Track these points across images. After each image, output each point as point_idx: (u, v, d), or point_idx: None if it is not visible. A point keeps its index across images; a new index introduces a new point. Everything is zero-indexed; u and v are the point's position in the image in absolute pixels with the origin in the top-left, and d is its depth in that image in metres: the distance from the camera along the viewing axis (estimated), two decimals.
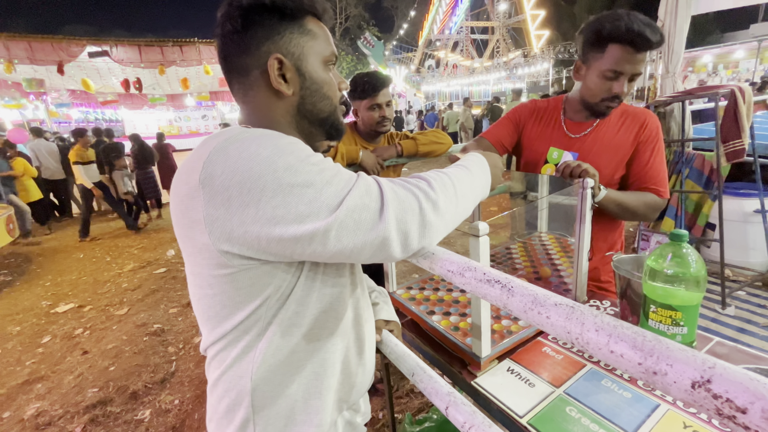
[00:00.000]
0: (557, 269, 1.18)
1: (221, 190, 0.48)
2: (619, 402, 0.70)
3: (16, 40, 6.49)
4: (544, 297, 0.41)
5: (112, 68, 8.94)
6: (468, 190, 0.61)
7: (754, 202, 2.56)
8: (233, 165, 0.48)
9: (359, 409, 0.81)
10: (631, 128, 1.15)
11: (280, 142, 0.51)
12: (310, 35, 0.61)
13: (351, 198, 0.49)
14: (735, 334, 2.09)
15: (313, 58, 0.61)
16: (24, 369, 2.50)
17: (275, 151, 0.49)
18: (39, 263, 4.55)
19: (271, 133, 0.53)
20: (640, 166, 1.15)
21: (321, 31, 0.63)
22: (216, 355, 0.63)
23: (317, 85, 0.62)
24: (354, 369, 0.71)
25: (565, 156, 1.22)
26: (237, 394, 0.61)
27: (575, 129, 1.21)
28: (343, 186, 0.50)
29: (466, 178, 0.62)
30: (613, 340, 0.33)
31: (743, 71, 12.09)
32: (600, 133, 1.17)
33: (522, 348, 0.89)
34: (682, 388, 0.28)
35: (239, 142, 0.50)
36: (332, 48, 0.64)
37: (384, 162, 1.63)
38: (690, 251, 0.67)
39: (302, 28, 0.60)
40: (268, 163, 0.47)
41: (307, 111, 0.63)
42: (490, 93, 22.13)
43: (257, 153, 0.48)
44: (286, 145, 0.50)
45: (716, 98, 2.31)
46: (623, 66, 1.01)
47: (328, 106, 0.64)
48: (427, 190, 0.54)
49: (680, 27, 2.58)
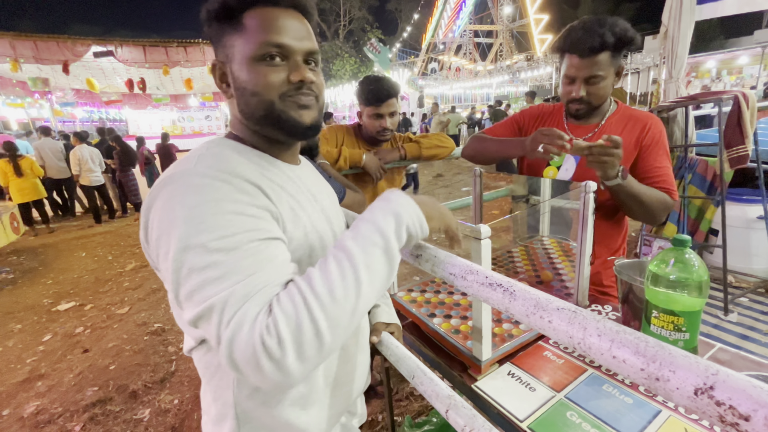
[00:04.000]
0: (559, 273, 1.18)
1: (148, 226, 0.53)
2: (620, 407, 0.70)
3: (22, 39, 6.55)
4: (546, 301, 0.41)
5: (116, 68, 9.00)
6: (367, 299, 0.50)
7: (758, 209, 2.55)
8: (161, 207, 0.51)
9: (356, 412, 0.80)
10: (633, 131, 1.15)
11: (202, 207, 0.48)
12: (241, 32, 0.57)
13: (238, 314, 0.45)
14: (737, 341, 2.07)
15: (238, 56, 0.58)
16: (24, 367, 2.50)
17: (189, 221, 0.48)
18: (41, 261, 4.57)
19: (207, 184, 0.50)
20: (650, 167, 1.14)
21: (257, 22, 0.56)
22: (200, 359, 0.63)
23: (242, 82, 0.58)
24: (344, 379, 0.70)
25: (567, 159, 1.23)
26: (223, 404, 0.61)
27: (578, 132, 1.21)
28: (237, 299, 0.46)
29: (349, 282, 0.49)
30: (615, 346, 0.33)
31: (747, 77, 12.07)
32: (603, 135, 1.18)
33: (523, 352, 0.88)
34: (684, 395, 0.28)
35: (172, 188, 0.51)
36: (265, 37, 0.56)
37: (387, 165, 1.63)
38: (693, 257, 0.67)
39: (239, 25, 0.57)
40: (178, 231, 0.48)
41: (245, 113, 0.60)
42: (492, 96, 22.13)
43: (176, 215, 0.49)
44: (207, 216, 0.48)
45: (720, 104, 2.30)
46: (573, 71, 1.11)
47: (260, 102, 0.58)
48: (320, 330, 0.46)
49: (684, 32, 2.58)
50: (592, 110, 1.18)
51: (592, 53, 1.06)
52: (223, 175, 0.52)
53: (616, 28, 1.04)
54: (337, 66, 30.89)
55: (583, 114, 1.18)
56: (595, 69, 1.07)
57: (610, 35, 1.03)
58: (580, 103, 1.14)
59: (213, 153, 0.56)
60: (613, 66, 1.09)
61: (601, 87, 1.10)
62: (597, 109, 1.19)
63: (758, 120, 2.42)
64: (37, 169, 5.54)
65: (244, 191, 0.52)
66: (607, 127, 1.19)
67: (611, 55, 1.07)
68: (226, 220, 0.48)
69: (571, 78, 1.12)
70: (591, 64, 1.07)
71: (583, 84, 1.10)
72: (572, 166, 1.22)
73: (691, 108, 2.63)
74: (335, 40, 36.05)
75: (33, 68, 7.92)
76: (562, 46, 1.12)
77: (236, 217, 0.49)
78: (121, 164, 5.81)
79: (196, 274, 0.47)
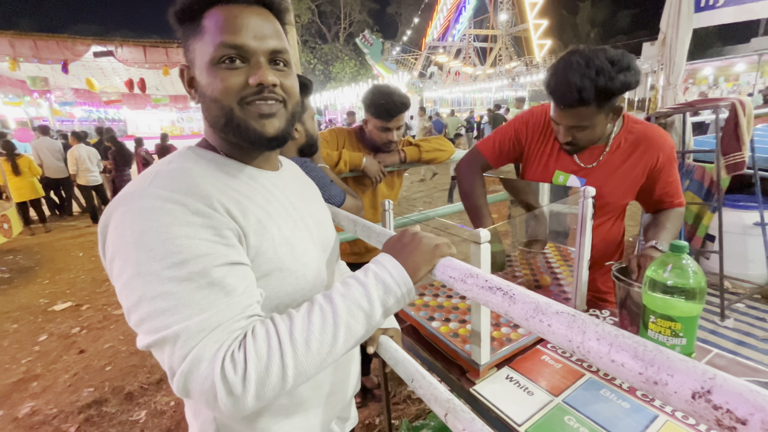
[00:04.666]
0: (557, 278, 1.19)
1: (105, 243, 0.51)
2: (617, 412, 0.70)
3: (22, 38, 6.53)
4: (545, 305, 0.41)
5: (116, 68, 8.98)
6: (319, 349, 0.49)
7: (754, 215, 2.56)
8: (114, 229, 0.49)
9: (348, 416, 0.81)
10: (644, 159, 1.11)
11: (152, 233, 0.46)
12: (200, 34, 0.54)
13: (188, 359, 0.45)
14: (734, 347, 2.08)
15: (199, 60, 0.55)
16: (19, 367, 2.48)
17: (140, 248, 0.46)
18: (37, 261, 4.54)
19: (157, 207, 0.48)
20: (664, 182, 1.14)
21: (213, 23, 0.53)
22: None
23: (202, 89, 0.56)
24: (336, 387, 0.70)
25: (571, 180, 1.19)
26: (203, 421, 0.61)
27: (585, 158, 1.16)
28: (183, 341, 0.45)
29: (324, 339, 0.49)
30: (614, 350, 0.33)
31: (744, 84, 12.18)
32: (611, 161, 1.14)
33: (521, 356, 0.89)
34: (682, 399, 0.28)
35: (124, 209, 0.49)
36: (221, 38, 0.52)
37: (386, 168, 1.64)
38: (690, 262, 0.67)
39: (199, 27, 0.54)
40: (129, 257, 0.46)
41: (209, 120, 0.58)
42: (492, 100, 22.22)
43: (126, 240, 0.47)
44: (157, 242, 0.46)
45: (717, 111, 2.32)
46: (557, 118, 1.05)
47: (220, 109, 0.55)
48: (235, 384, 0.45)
49: (682, 40, 2.61)
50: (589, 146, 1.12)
51: (571, 107, 0.98)
52: (176, 195, 0.49)
53: (600, 80, 0.91)
54: (337, 68, 30.98)
55: (579, 150, 1.12)
56: (577, 120, 1.00)
57: (590, 90, 0.92)
58: (569, 145, 1.08)
59: (172, 169, 0.53)
60: (603, 113, 0.99)
61: (588, 134, 1.03)
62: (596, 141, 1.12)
63: (755, 126, 2.44)
64: (35, 168, 5.52)
65: (198, 212, 0.49)
66: (612, 151, 1.13)
67: (596, 106, 0.96)
68: (177, 245, 0.46)
69: (556, 122, 1.07)
70: (572, 115, 1.00)
71: (566, 131, 1.04)
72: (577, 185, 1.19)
73: (688, 114, 2.65)
74: (335, 42, 36.17)
75: (32, 67, 7.89)
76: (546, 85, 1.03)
77: (188, 241, 0.47)
78: (116, 164, 5.77)
79: (146, 303, 0.45)
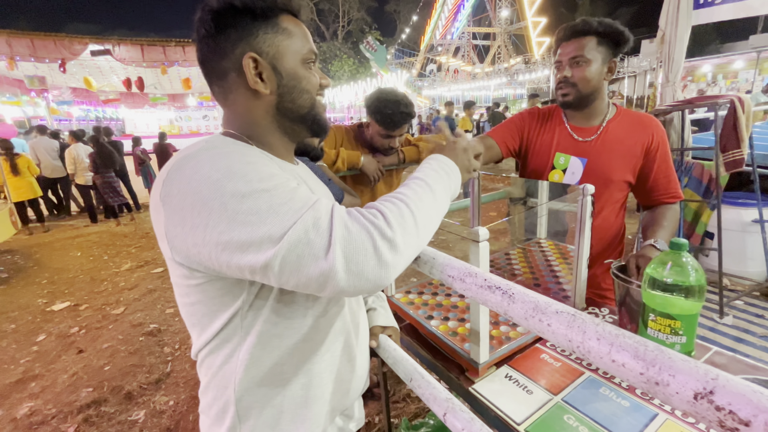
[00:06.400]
0: (556, 276, 1.18)
1: (177, 209, 0.50)
2: (617, 411, 0.70)
3: (19, 37, 6.51)
4: (545, 304, 0.40)
5: (114, 67, 8.96)
6: (430, 215, 0.56)
7: (753, 212, 2.56)
8: (186, 186, 0.49)
9: (353, 415, 0.80)
10: (639, 136, 1.17)
11: (234, 164, 0.50)
12: (285, 33, 0.60)
13: (295, 231, 0.46)
14: (733, 344, 2.08)
15: (289, 56, 0.61)
16: (18, 367, 2.47)
17: (226, 174, 0.48)
18: (36, 261, 4.53)
19: (228, 152, 0.52)
20: (663, 178, 1.17)
21: (297, 29, 0.62)
22: (204, 360, 0.63)
23: (295, 80, 0.62)
24: (345, 376, 0.70)
25: (572, 162, 1.22)
26: (224, 402, 0.62)
27: (582, 133, 1.22)
28: (290, 216, 0.47)
29: (427, 201, 0.56)
30: (614, 350, 0.33)
31: (742, 81, 12.17)
32: (608, 137, 1.19)
33: (520, 354, 0.88)
34: (684, 399, 0.28)
35: (195, 160, 0.51)
36: (310, 45, 0.64)
37: (385, 167, 1.63)
38: (689, 260, 0.67)
39: (276, 26, 0.60)
40: (216, 187, 0.47)
41: (286, 109, 0.63)
42: (491, 98, 22.20)
43: (208, 175, 0.48)
44: (240, 167, 0.49)
45: (716, 108, 2.32)
46: (560, 55, 1.17)
47: (308, 100, 0.64)
48: (383, 227, 0.49)
49: (680, 37, 2.60)
50: (583, 101, 1.17)
51: (576, 35, 1.12)
52: (236, 144, 0.57)
53: (603, 20, 1.11)
54: (336, 66, 30.90)
55: (573, 102, 1.17)
56: (579, 50, 1.12)
57: (595, 23, 1.11)
58: (566, 86, 1.16)
59: (215, 139, 0.58)
60: (600, 54, 1.12)
61: (586, 70, 1.12)
62: (591, 104, 1.19)
63: (754, 124, 2.44)
64: (33, 167, 5.50)
65: (263, 155, 0.58)
66: (609, 128, 1.19)
67: (597, 41, 1.11)
68: (265, 170, 0.51)
69: (558, 62, 1.18)
70: (575, 46, 1.12)
71: (569, 65, 1.14)
72: (579, 169, 1.21)
73: (687, 112, 2.65)
74: (334, 40, 36.07)
75: (30, 66, 7.87)
76: (555, 40, 1.19)
77: (271, 169, 0.53)
78: (95, 166, 5.58)
79: (271, 214, 0.47)
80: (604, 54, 1.13)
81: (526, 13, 27.90)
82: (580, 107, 1.20)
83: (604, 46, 1.12)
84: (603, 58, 1.13)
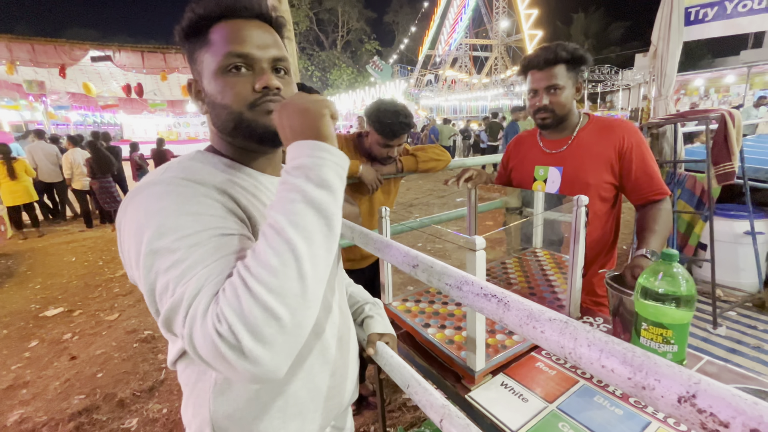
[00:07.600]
0: (551, 285, 1.20)
1: (122, 238, 0.54)
2: (610, 419, 0.71)
3: (19, 42, 6.53)
4: (539, 312, 0.42)
5: (113, 72, 9.00)
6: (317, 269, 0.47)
7: (744, 224, 2.61)
8: (128, 219, 0.52)
9: (344, 426, 0.80)
10: (610, 139, 1.24)
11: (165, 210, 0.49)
12: (208, 46, 0.58)
13: (174, 299, 0.46)
14: (725, 354, 2.10)
15: (206, 71, 0.59)
16: (9, 374, 2.44)
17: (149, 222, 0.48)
18: (29, 265, 4.49)
19: (170, 193, 0.51)
20: (644, 176, 1.22)
21: (220, 34, 0.58)
22: (181, 373, 0.63)
23: (211, 97, 0.60)
24: (328, 392, 0.69)
25: (551, 171, 1.31)
26: (201, 421, 0.61)
27: (552, 146, 1.33)
28: (177, 282, 0.46)
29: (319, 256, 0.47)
30: (604, 355, 0.34)
31: (733, 95, 12.41)
32: (579, 145, 1.27)
33: (516, 363, 0.89)
34: (668, 403, 0.29)
35: (141, 195, 0.52)
36: (228, 48, 0.57)
37: (383, 176, 1.65)
38: (680, 271, 0.69)
39: (206, 40, 0.59)
40: (140, 233, 0.49)
41: (218, 126, 0.62)
42: (488, 109, 22.44)
43: (138, 219, 0.50)
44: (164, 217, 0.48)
45: (707, 122, 2.37)
46: (535, 84, 1.26)
47: (229, 114, 0.59)
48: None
49: (672, 52, 2.66)
50: (559, 121, 1.27)
51: (548, 64, 1.21)
52: (186, 182, 0.52)
53: (567, 47, 1.21)
54: (335, 75, 31.20)
55: (551, 124, 1.27)
56: (553, 79, 1.21)
57: (562, 51, 1.20)
58: (545, 112, 1.25)
59: (182, 164, 0.57)
60: (571, 79, 1.23)
61: (561, 96, 1.23)
62: (565, 122, 1.28)
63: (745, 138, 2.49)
64: (30, 171, 5.48)
65: (208, 195, 0.52)
66: (579, 137, 1.27)
67: (566, 68, 1.21)
68: (188, 221, 0.48)
69: (534, 91, 1.26)
70: (549, 76, 1.21)
71: (545, 94, 1.23)
72: (557, 178, 1.29)
73: (679, 124, 2.70)
74: (333, 50, 36.46)
75: (29, 71, 7.89)
76: (524, 66, 1.27)
77: (199, 217, 0.49)
78: (92, 171, 5.63)
79: (162, 276, 0.47)
80: (573, 78, 1.24)
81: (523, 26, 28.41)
82: (555, 126, 1.29)
83: (573, 71, 1.23)
84: (572, 82, 1.24)
